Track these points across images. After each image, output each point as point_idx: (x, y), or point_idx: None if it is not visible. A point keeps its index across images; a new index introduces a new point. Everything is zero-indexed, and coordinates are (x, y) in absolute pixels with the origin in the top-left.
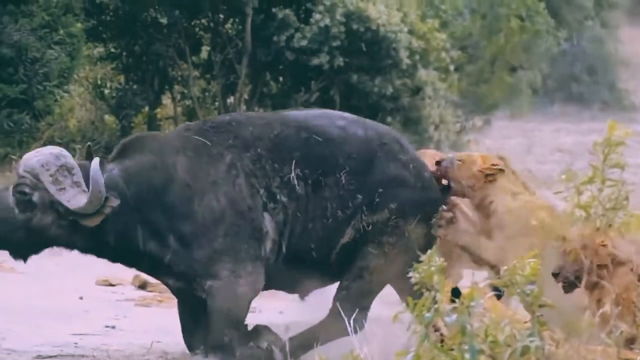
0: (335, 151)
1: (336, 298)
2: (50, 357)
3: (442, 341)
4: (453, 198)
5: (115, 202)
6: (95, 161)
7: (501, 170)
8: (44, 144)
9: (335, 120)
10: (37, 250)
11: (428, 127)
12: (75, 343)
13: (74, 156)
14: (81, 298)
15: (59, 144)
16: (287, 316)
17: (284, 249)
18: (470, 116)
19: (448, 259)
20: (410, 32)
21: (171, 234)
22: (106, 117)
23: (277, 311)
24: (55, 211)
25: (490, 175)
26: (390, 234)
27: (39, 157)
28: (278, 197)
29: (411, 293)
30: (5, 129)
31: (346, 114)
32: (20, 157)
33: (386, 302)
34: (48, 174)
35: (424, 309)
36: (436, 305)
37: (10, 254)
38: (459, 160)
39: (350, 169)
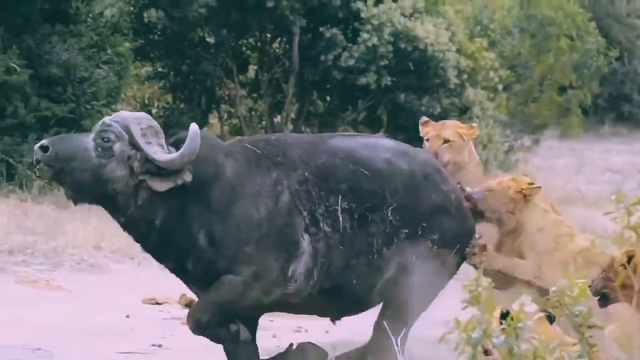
0: (383, 186)
1: (381, 320)
2: None
3: None
4: (482, 226)
5: (188, 177)
6: (194, 124)
7: (538, 188)
8: None
9: (380, 152)
10: (91, 199)
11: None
12: None
13: None
14: (128, 316)
15: None
16: (333, 335)
17: (319, 278)
18: (519, 136)
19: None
20: (459, 51)
21: (202, 230)
22: None
23: (323, 330)
24: (129, 167)
25: (529, 196)
26: (434, 264)
27: (133, 113)
28: (321, 224)
29: None
30: None
31: (388, 143)
32: None
33: (434, 322)
34: (139, 127)
35: (471, 330)
36: (484, 326)
37: (66, 192)
38: (489, 190)
39: (397, 205)
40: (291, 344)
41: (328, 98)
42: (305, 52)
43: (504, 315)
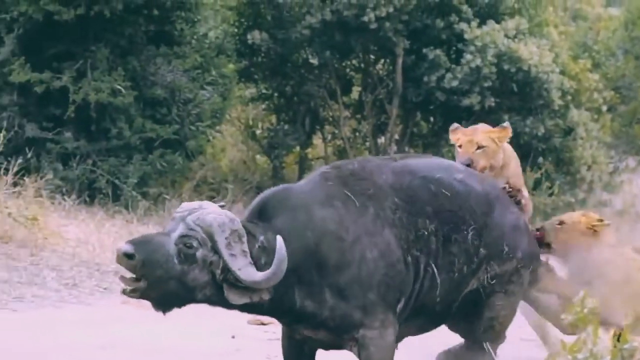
0: (463, 206)
1: (471, 348)
2: None
3: None
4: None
5: (266, 296)
6: (281, 240)
7: (608, 225)
8: (197, 184)
9: (452, 172)
10: (181, 304)
11: (580, 168)
12: None
13: (225, 196)
14: (233, 337)
15: (211, 184)
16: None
17: (412, 303)
18: (624, 157)
19: None
20: (562, 72)
21: (327, 289)
22: (257, 157)
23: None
24: (211, 272)
25: (598, 232)
26: (515, 283)
27: (215, 215)
28: (412, 250)
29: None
30: (159, 169)
31: (456, 165)
32: (174, 197)
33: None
34: (224, 236)
35: (577, 351)
36: (590, 347)
37: (153, 304)
38: (560, 223)
39: (475, 224)
40: None
41: (432, 119)
42: (409, 73)
43: (619, 337)
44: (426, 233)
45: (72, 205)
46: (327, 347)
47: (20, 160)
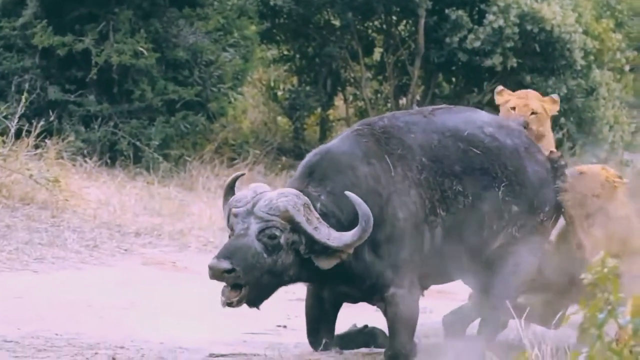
0: (494, 164)
1: (494, 295)
2: (222, 355)
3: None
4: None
5: (352, 249)
6: (357, 197)
7: (625, 183)
8: (218, 146)
9: (482, 127)
10: (271, 293)
11: (602, 128)
12: (246, 341)
13: (246, 158)
14: None
15: (233, 146)
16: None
17: (434, 259)
18: None
19: None
20: (585, 32)
21: (367, 244)
22: (279, 118)
23: (446, 311)
24: (294, 250)
25: (617, 187)
26: (539, 235)
27: (283, 199)
28: (438, 210)
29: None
30: (181, 131)
31: (485, 116)
32: (195, 159)
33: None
34: (301, 214)
35: (597, 310)
36: (609, 307)
37: (250, 304)
38: (581, 173)
39: (507, 180)
40: (365, 325)
41: (453, 80)
42: (431, 35)
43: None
44: (453, 193)
45: (93, 167)
46: (355, 301)
47: (42, 123)
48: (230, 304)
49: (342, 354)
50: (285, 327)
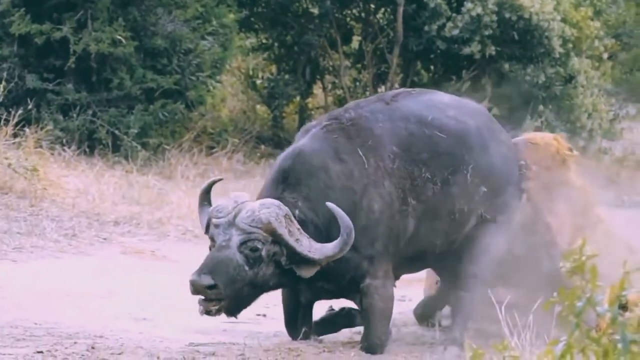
0: (460, 147)
1: (469, 275)
2: (202, 344)
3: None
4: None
5: (333, 259)
6: (337, 209)
7: (575, 156)
8: (197, 135)
9: (444, 109)
10: (250, 303)
11: (581, 116)
12: (225, 330)
13: (225, 146)
14: None
15: (212, 134)
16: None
17: (406, 248)
18: (624, 104)
19: None
20: (564, 20)
21: None
22: (258, 107)
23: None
24: (275, 262)
25: (568, 159)
26: (505, 213)
27: (265, 210)
28: (408, 199)
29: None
30: (160, 119)
31: (445, 97)
32: (174, 147)
33: None
34: (282, 227)
35: (575, 298)
36: (587, 295)
37: (228, 313)
38: (533, 143)
39: (474, 162)
40: (342, 308)
41: (432, 68)
42: (410, 23)
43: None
44: (422, 181)
45: (72, 155)
46: (331, 297)
47: (20, 111)
48: (209, 313)
49: (321, 342)
50: (264, 316)
